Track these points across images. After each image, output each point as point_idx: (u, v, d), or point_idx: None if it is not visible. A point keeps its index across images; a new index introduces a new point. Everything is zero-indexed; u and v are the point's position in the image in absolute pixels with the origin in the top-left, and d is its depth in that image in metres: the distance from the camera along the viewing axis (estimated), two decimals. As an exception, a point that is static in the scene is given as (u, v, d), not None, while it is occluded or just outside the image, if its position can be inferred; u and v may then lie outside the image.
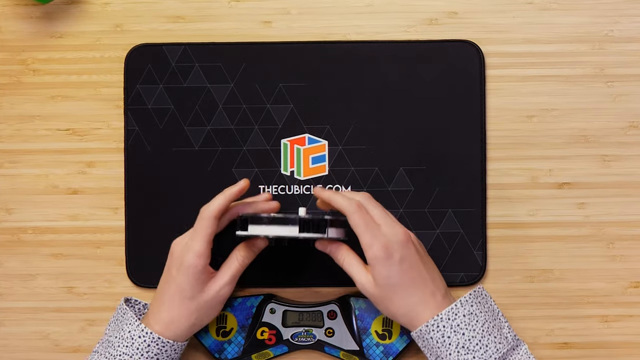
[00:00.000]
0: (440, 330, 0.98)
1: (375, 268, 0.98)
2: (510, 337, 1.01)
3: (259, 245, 1.04)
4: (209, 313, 1.03)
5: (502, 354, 0.99)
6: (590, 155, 1.10)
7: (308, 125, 1.10)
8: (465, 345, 0.98)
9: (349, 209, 1.00)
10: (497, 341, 0.99)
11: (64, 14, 1.12)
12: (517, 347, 1.01)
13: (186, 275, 1.01)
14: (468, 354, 0.98)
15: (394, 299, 0.99)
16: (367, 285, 1.00)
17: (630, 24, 1.10)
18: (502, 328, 1.01)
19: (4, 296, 1.12)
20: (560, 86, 1.10)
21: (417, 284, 0.99)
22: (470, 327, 0.98)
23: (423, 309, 0.99)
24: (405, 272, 0.99)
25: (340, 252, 1.02)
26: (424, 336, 0.99)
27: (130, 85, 1.11)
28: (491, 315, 1.01)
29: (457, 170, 1.09)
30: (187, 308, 1.02)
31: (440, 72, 1.10)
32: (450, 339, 0.98)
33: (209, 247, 1.01)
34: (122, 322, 1.03)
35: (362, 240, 0.99)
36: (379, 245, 0.98)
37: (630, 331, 1.10)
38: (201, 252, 1.00)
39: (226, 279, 1.03)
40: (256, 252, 1.05)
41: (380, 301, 1.00)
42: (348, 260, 1.01)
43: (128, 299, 1.07)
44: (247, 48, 1.11)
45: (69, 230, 1.12)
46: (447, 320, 0.98)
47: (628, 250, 1.10)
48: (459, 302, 0.99)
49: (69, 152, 1.12)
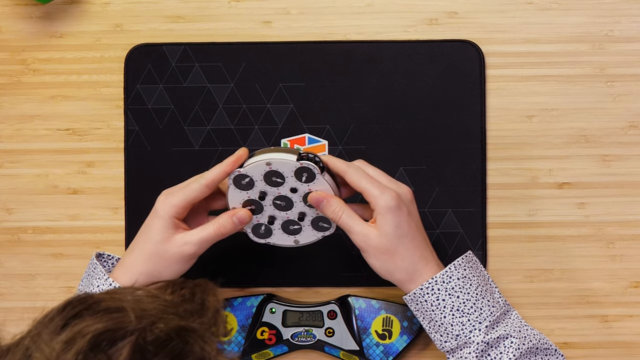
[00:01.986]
0: (435, 293, 0.98)
1: (385, 217, 0.96)
2: (502, 302, 1.01)
3: (241, 216, 0.99)
4: (166, 266, 0.99)
5: (495, 317, 0.99)
6: (590, 155, 1.10)
7: (308, 125, 1.10)
8: (460, 308, 0.98)
9: (348, 168, 0.98)
10: (491, 305, 0.99)
11: (64, 14, 1.12)
12: (508, 311, 1.01)
13: (155, 220, 0.98)
14: (463, 317, 0.98)
15: (399, 250, 0.98)
16: (371, 235, 0.97)
17: (630, 24, 1.10)
18: (494, 293, 1.02)
19: (4, 296, 1.12)
20: (560, 86, 1.10)
21: (420, 240, 0.99)
22: (465, 290, 0.99)
23: (424, 265, 0.98)
24: (411, 225, 0.98)
25: (336, 203, 0.99)
26: (419, 299, 0.99)
27: (130, 85, 1.11)
28: (483, 280, 1.01)
29: (457, 170, 1.09)
30: (145, 252, 0.98)
31: (440, 72, 1.10)
32: (445, 302, 0.98)
33: (186, 206, 0.98)
34: (92, 277, 1.00)
35: (369, 192, 0.97)
36: (390, 195, 0.96)
37: (630, 331, 1.10)
38: (175, 203, 0.98)
39: (194, 238, 0.98)
40: (236, 225, 1.00)
41: (383, 253, 0.98)
42: (348, 212, 0.98)
43: (100, 254, 1.03)
44: (247, 48, 1.11)
45: (69, 230, 1.12)
46: (442, 283, 0.98)
47: (628, 250, 1.10)
48: (453, 265, 0.99)
49: (69, 152, 1.12)
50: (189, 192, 0.98)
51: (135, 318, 0.68)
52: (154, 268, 0.99)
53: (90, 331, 0.67)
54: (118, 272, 0.99)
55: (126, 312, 0.69)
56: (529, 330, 1.01)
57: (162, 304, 0.71)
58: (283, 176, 0.98)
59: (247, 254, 1.10)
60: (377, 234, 0.98)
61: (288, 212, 1.01)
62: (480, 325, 0.98)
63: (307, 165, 0.97)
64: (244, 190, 0.99)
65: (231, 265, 1.10)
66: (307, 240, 1.03)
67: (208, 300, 0.73)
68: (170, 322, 0.69)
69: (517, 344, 0.98)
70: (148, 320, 0.69)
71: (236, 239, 1.08)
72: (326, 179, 0.98)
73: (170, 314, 0.70)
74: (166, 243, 0.98)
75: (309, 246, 1.07)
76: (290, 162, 0.97)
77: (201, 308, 0.72)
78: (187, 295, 0.74)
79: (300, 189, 0.99)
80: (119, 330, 0.68)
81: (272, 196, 1.00)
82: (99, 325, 0.68)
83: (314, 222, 1.01)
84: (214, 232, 0.99)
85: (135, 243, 1.00)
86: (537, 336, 1.01)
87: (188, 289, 0.74)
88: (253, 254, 1.10)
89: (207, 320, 0.71)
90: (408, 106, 1.10)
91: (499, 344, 0.98)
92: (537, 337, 1.01)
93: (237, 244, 1.09)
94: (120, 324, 0.68)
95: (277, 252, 1.10)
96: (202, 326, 0.71)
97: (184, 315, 0.71)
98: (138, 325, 0.68)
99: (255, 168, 0.98)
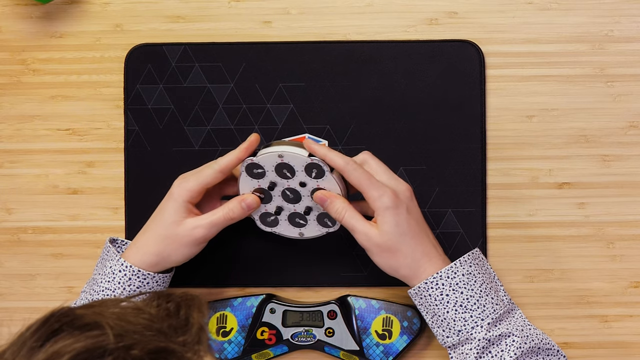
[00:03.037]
0: (439, 288, 0.99)
1: (385, 217, 0.98)
2: (506, 300, 1.02)
3: (249, 202, 1.02)
4: (176, 248, 1.02)
5: (498, 314, 0.99)
6: (590, 155, 1.10)
7: (308, 125, 1.10)
8: (463, 304, 0.99)
9: (346, 167, 0.99)
10: (494, 302, 1.00)
11: (64, 14, 1.12)
12: (512, 310, 1.02)
13: (170, 202, 1.01)
14: (466, 313, 0.98)
15: (401, 249, 0.99)
16: (373, 235, 0.99)
17: (630, 24, 1.10)
18: (499, 291, 1.02)
19: (4, 296, 1.12)
20: (560, 86, 1.10)
21: (422, 236, 1.00)
22: (469, 286, 0.99)
23: (427, 261, 0.99)
24: (411, 222, 0.99)
25: (340, 203, 1.00)
26: (423, 293, 1.00)
27: (130, 85, 1.11)
28: (488, 277, 1.02)
29: (457, 170, 1.09)
30: (157, 233, 1.02)
31: (440, 72, 1.10)
32: (448, 297, 0.99)
33: (201, 190, 1.02)
34: (105, 259, 1.03)
35: (369, 194, 0.98)
36: (388, 195, 0.98)
37: (630, 331, 1.10)
38: (190, 188, 1.01)
39: (205, 222, 1.01)
40: (245, 211, 1.02)
41: (385, 251, 0.99)
42: (350, 212, 1.00)
43: (114, 239, 1.06)
44: (247, 48, 1.11)
45: (69, 230, 1.12)
46: (447, 278, 0.99)
47: (628, 250, 1.10)
48: (458, 261, 1.00)
49: (69, 152, 1.12)
50: (202, 177, 1.01)
51: (114, 337, 0.68)
52: (164, 249, 1.01)
53: (67, 352, 0.67)
54: (130, 252, 1.02)
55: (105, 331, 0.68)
56: (531, 330, 1.01)
57: (145, 318, 0.71)
58: (293, 170, 1.00)
59: (247, 254, 1.10)
60: (378, 233, 0.99)
61: (295, 205, 1.02)
62: (483, 322, 0.98)
63: (317, 162, 0.99)
64: (255, 179, 1.02)
65: (231, 265, 1.10)
66: (312, 234, 1.04)
67: (193, 317, 0.72)
68: (148, 344, 0.68)
69: (519, 343, 0.98)
70: (127, 341, 0.68)
71: (237, 238, 1.08)
72: (335, 177, 1.00)
73: (153, 331, 0.70)
74: (178, 226, 1.01)
75: (309, 246, 1.08)
76: (301, 157, 0.99)
77: (185, 324, 0.71)
78: (172, 309, 0.73)
79: (309, 184, 1.01)
80: (97, 350, 0.67)
81: (282, 187, 1.02)
82: (76, 345, 0.67)
83: (320, 217, 1.02)
84: (223, 217, 1.02)
85: (148, 224, 1.03)
86: (540, 336, 1.01)
87: (174, 302, 0.73)
88: (253, 254, 1.10)
89: (191, 338, 0.70)
90: (408, 106, 1.10)
91: (500, 342, 0.99)
92: (540, 337, 1.01)
93: (237, 244, 1.10)
94: (98, 344, 0.67)
95: (277, 253, 1.10)
96: (184, 346, 0.70)
97: (167, 332, 0.70)
98: (117, 345, 0.67)
99: (267, 158, 1.00)
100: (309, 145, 1.00)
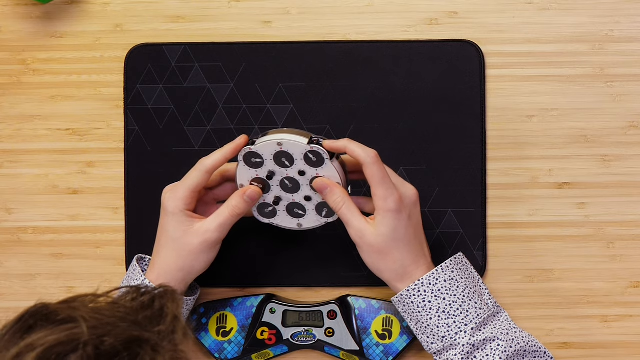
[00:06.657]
0: (422, 295, 0.99)
1: (385, 219, 0.98)
2: (491, 304, 1.02)
3: (251, 193, 1.01)
4: (195, 258, 1.01)
5: (482, 319, 0.99)
6: (590, 155, 1.10)
7: (308, 125, 1.10)
8: (446, 310, 0.98)
9: (367, 159, 0.98)
10: (478, 307, 0.99)
11: (64, 14, 1.12)
12: (497, 313, 1.02)
13: (168, 217, 1.01)
14: (449, 319, 0.98)
15: (392, 253, 0.99)
16: (367, 233, 0.98)
17: (630, 24, 1.10)
18: (483, 295, 1.02)
19: (4, 296, 1.12)
20: (560, 86, 1.10)
21: (415, 244, 1.00)
22: (451, 292, 0.99)
23: (414, 268, 0.99)
24: (409, 229, 0.99)
25: (339, 194, 1.00)
26: (405, 300, 0.99)
27: (130, 85, 1.11)
28: (472, 282, 1.01)
29: (457, 170, 1.09)
30: (173, 250, 1.01)
31: (440, 72, 1.10)
32: (431, 304, 0.98)
33: (192, 195, 1.01)
34: (131, 278, 1.03)
35: (377, 191, 0.98)
36: (394, 199, 0.98)
37: (630, 331, 1.10)
38: (181, 196, 1.00)
39: (213, 226, 1.00)
40: (248, 204, 1.01)
41: (376, 251, 0.99)
42: (348, 205, 0.99)
43: (142, 257, 1.06)
44: (247, 48, 1.11)
45: (69, 230, 1.12)
46: (428, 285, 0.99)
47: (628, 250, 1.10)
48: (440, 267, 0.99)
49: (69, 152, 1.12)
50: (189, 181, 1.00)
51: (87, 329, 0.68)
52: (186, 263, 1.01)
53: (40, 344, 0.67)
54: (152, 275, 1.01)
55: (79, 324, 0.68)
56: (517, 333, 1.01)
57: (120, 311, 0.71)
58: (292, 158, 1.00)
59: (247, 254, 1.10)
60: (372, 232, 0.98)
61: (294, 194, 1.02)
62: (466, 327, 0.98)
63: (317, 150, 0.98)
64: (253, 168, 1.01)
65: (231, 265, 1.10)
66: (311, 224, 1.04)
67: (167, 307, 0.73)
68: (122, 334, 0.68)
69: (504, 347, 0.98)
70: (101, 332, 0.68)
71: (236, 239, 1.08)
72: (335, 165, 0.99)
73: (128, 322, 0.70)
74: (188, 236, 1.00)
75: (309, 246, 1.07)
76: (301, 145, 0.99)
77: (160, 315, 0.72)
78: (146, 301, 0.74)
79: (308, 173, 1.00)
80: (71, 342, 0.67)
81: (280, 177, 1.01)
82: (50, 337, 0.67)
83: (319, 207, 1.02)
84: (229, 215, 1.01)
85: (158, 245, 1.02)
86: (526, 338, 1.01)
87: (148, 295, 0.74)
88: (253, 254, 1.10)
89: (166, 328, 0.71)
90: (408, 106, 1.10)
91: (485, 346, 0.98)
92: (526, 340, 1.01)
93: (237, 244, 1.10)
94: (73, 336, 0.68)
95: (277, 253, 1.10)
96: (159, 335, 0.70)
97: (142, 323, 0.71)
98: (90, 337, 0.68)
99: (266, 147, 0.99)
100: (329, 144, 0.99)
